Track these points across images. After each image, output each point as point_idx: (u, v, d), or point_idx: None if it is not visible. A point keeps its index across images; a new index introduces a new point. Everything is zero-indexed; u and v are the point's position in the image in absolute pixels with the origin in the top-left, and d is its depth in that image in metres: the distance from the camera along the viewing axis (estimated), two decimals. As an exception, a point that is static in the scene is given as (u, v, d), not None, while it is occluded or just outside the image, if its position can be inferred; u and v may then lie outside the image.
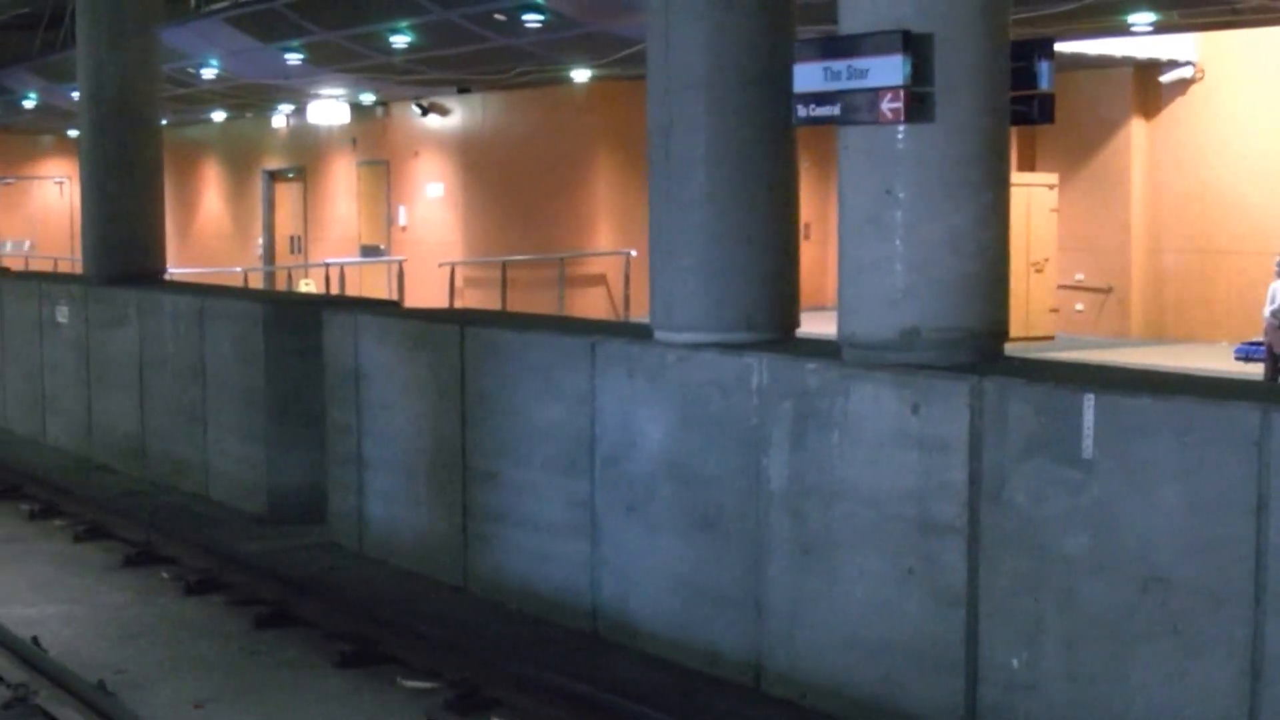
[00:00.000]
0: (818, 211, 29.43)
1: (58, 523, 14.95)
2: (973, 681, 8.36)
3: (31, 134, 46.95)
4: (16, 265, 37.50)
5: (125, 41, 18.46)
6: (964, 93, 8.75)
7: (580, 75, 28.57)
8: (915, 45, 8.67)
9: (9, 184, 47.38)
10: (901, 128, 8.77)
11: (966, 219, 8.79)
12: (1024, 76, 9.08)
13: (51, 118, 42.47)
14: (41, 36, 37.66)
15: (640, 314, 27.51)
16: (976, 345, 8.89)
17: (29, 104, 40.33)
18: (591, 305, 29.81)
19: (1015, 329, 9.94)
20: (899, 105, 8.69)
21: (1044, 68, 9.11)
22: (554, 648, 10.58)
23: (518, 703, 9.38)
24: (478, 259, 32.64)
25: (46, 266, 40.14)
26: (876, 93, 8.78)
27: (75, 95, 19.81)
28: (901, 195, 8.81)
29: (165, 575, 12.87)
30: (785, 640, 9.43)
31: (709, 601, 9.95)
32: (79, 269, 23.56)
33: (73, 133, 41.10)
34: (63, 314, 19.31)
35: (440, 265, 32.24)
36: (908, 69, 8.66)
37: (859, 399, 8.92)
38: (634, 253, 28.86)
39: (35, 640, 10.52)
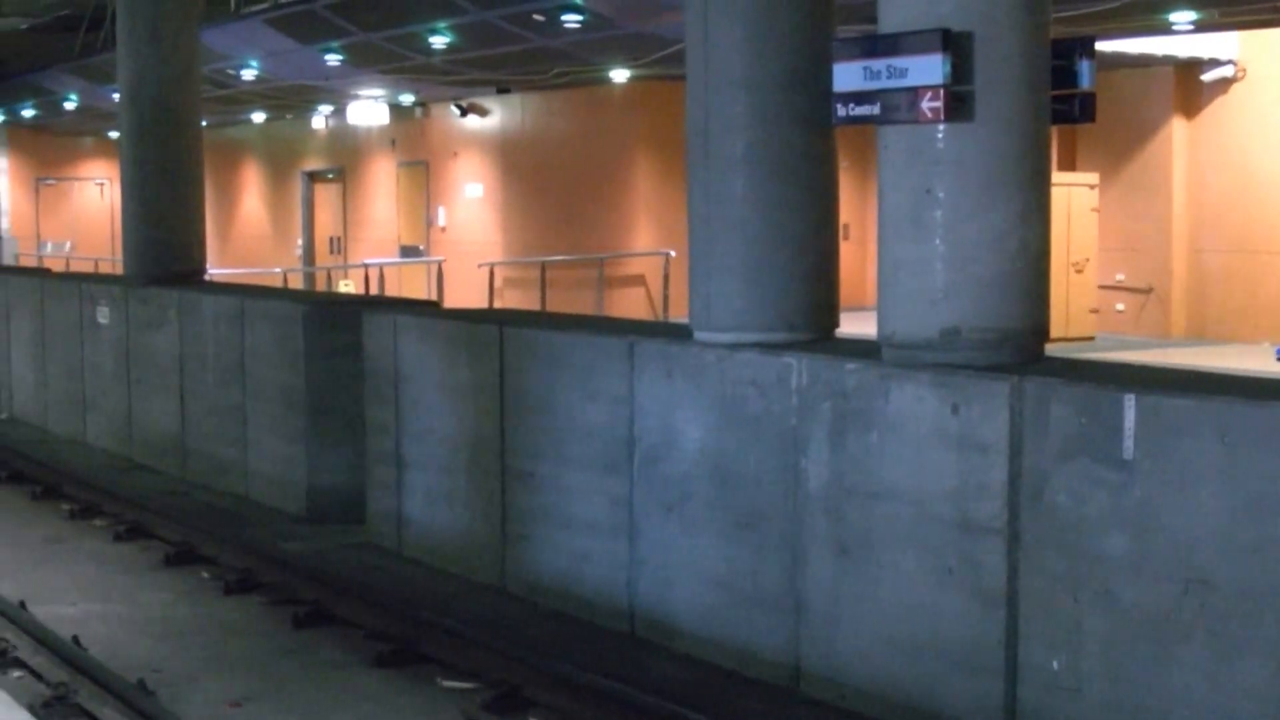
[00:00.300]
0: (856, 211, 29.34)
1: (98, 522, 14.99)
2: (1012, 683, 8.32)
3: (72, 135, 47.09)
4: (58, 266, 37.66)
5: (165, 43, 18.50)
6: (1004, 91, 8.71)
7: (619, 76, 28.54)
8: (955, 44, 8.64)
9: (50, 185, 47.53)
10: (941, 127, 8.74)
11: (1007, 218, 8.76)
12: (1065, 75, 9.04)
13: (92, 119, 42.60)
14: (82, 38, 37.78)
15: (679, 315, 27.47)
16: (1017, 345, 8.85)
17: (70, 105, 40.45)
18: (630, 306, 29.77)
19: (1055, 329, 9.91)
20: (939, 104, 8.67)
21: (1085, 66, 9.07)
22: (592, 647, 10.58)
23: (556, 703, 9.37)
24: (517, 259, 32.64)
25: (87, 267, 40.27)
26: (916, 92, 8.75)
27: (116, 97, 19.86)
28: (941, 194, 8.78)
29: (205, 575, 12.90)
30: (824, 641, 9.40)
31: (747, 602, 9.93)
32: (119, 270, 23.63)
33: (113, 134, 41.24)
34: (103, 314, 19.36)
35: (479, 266, 32.24)
36: (947, 68, 8.63)
37: (899, 399, 8.89)
38: (673, 253, 28.79)
39: (75, 639, 10.55)
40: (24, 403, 22.14)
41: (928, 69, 8.70)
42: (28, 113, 44.15)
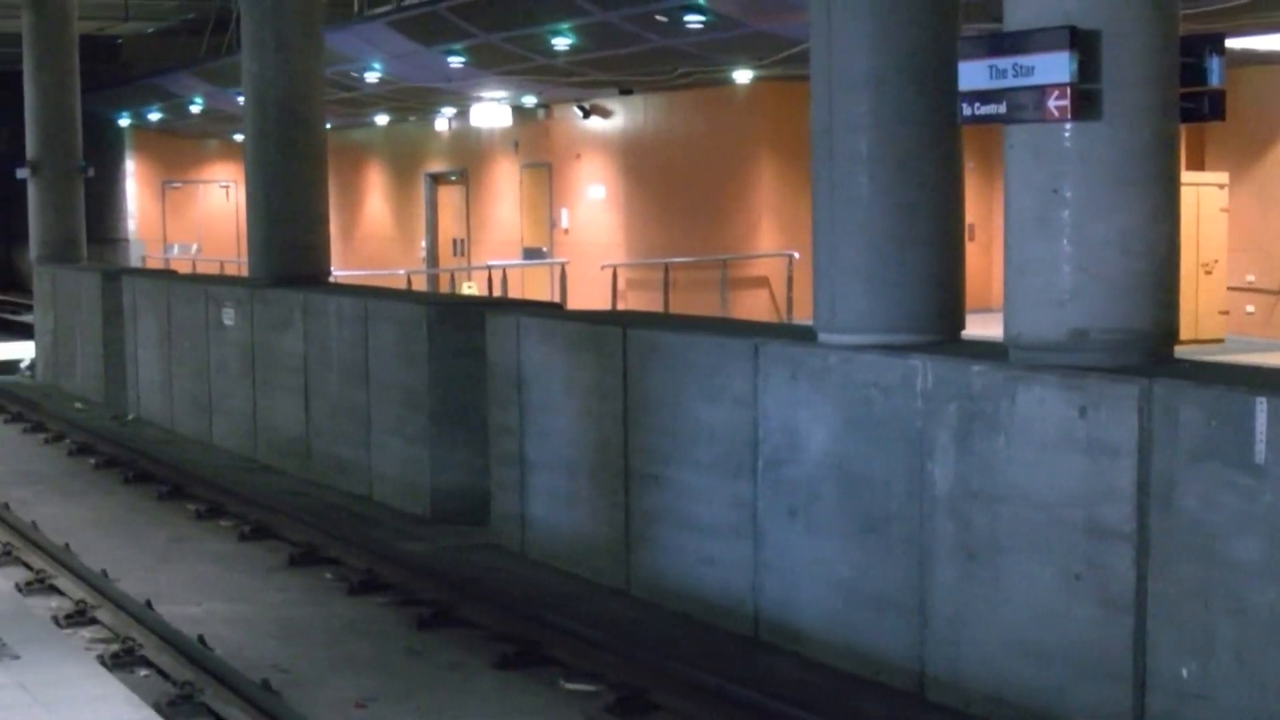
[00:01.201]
0: (981, 212, 29.13)
1: (223, 522, 15.10)
2: (1140, 690, 8.21)
3: (197, 138, 47.52)
4: (183, 268, 38.02)
5: (290, 45, 18.61)
6: (1132, 89, 8.61)
7: (742, 76, 28.45)
8: (1082, 41, 8.54)
9: (176, 188, 48.00)
10: (1068, 126, 8.64)
11: (1135, 218, 8.65)
12: (1194, 73, 8.92)
13: (217, 122, 42.98)
14: (207, 41, 38.17)
15: (802, 316, 27.37)
16: (1145, 347, 8.74)
17: (195, 108, 40.84)
18: (754, 307, 29.67)
19: (1184, 331, 9.77)
20: (1066, 103, 8.57)
21: (1214, 64, 8.94)
22: (716, 651, 10.54)
23: (679, 706, 9.34)
24: (640, 261, 32.63)
25: (212, 269, 40.64)
26: (1043, 90, 8.66)
27: (240, 99, 19.99)
28: (1068, 194, 8.68)
29: (328, 575, 12.96)
30: (949, 646, 9.32)
31: (871, 606, 9.86)
32: (244, 272, 23.82)
33: (238, 137, 41.60)
34: (229, 316, 19.50)
35: (602, 267, 32.26)
36: (1074, 66, 8.54)
37: (1025, 401, 8.79)
38: (796, 255, 28.68)
39: (201, 639, 10.62)
40: (151, 403, 22.35)
41: (1054, 67, 8.61)
42: (154, 116, 44.63)
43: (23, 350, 30.22)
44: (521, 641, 10.64)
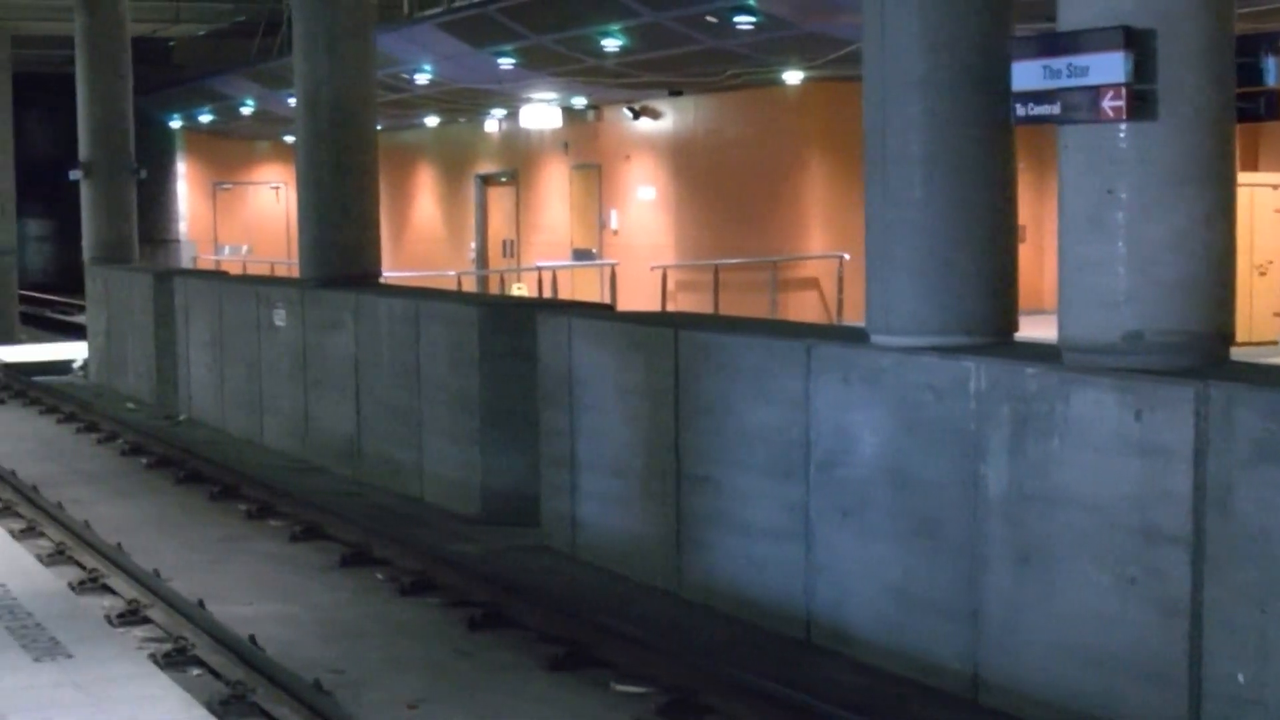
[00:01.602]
0: (1032, 213, 29.01)
1: (274, 523, 15.13)
2: (1196, 696, 8.15)
3: (248, 140, 47.71)
4: (234, 269, 38.14)
5: (341, 47, 18.64)
6: (1188, 89, 8.55)
7: (792, 77, 28.43)
8: (1137, 41, 8.49)
9: (226, 189, 48.18)
10: (1123, 126, 8.59)
11: (1190, 219, 8.60)
12: (1249, 72, 8.89)
13: (267, 123, 43.15)
14: (258, 43, 38.30)
15: (852, 318, 27.33)
16: (1201, 349, 8.69)
17: (246, 110, 40.98)
18: (804, 309, 29.63)
19: (1238, 333, 9.70)
20: (1120, 103, 8.52)
21: (1271, 63, 8.91)
22: (767, 653, 10.51)
23: (731, 709, 9.32)
24: (689, 262, 32.61)
25: (263, 270, 40.78)
26: (1097, 91, 8.61)
27: (291, 101, 20.06)
28: (1123, 195, 8.63)
29: (380, 576, 12.97)
30: (1002, 650, 9.27)
31: (924, 609, 9.82)
32: (294, 273, 23.88)
33: (288, 138, 41.75)
34: (280, 317, 19.55)
35: (652, 269, 32.27)
36: (1129, 66, 8.49)
37: (1079, 404, 8.74)
38: (847, 256, 28.64)
39: (252, 638, 10.63)
40: (202, 404, 22.43)
41: (1109, 67, 8.56)
42: (205, 118, 44.82)
43: (75, 350, 30.39)
44: (572, 643, 10.63)
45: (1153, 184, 8.60)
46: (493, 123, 39.86)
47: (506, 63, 29.37)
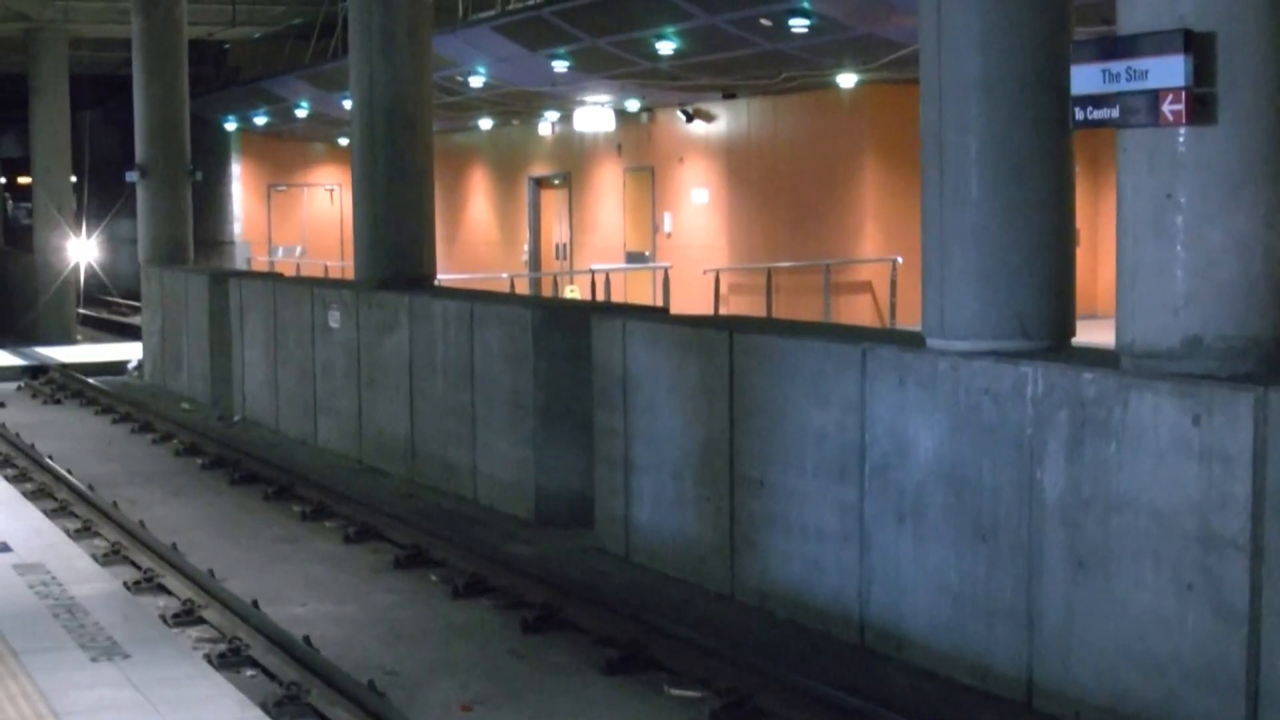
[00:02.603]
0: (1088, 217, 28.91)
1: (329, 524, 15.17)
2: (1254, 702, 8.10)
3: (303, 142, 47.84)
4: (289, 271, 38.26)
5: (396, 50, 18.68)
6: (1248, 93, 8.50)
7: (847, 80, 28.38)
8: (1197, 45, 8.44)
9: (281, 191, 48.33)
10: (1183, 130, 8.55)
11: (1252, 223, 8.54)
12: (1310, 75, 8.80)
13: (322, 126, 43.26)
14: (314, 46, 38.42)
15: (906, 322, 27.28)
16: (1262, 354, 8.63)
17: (301, 112, 41.11)
18: (857, 312, 29.58)
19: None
20: (1180, 107, 8.48)
21: (1332, 66, 8.82)
22: (822, 657, 10.50)
23: (786, 713, 9.30)
24: (743, 265, 32.59)
25: (317, 272, 40.90)
26: (1157, 94, 8.57)
27: (346, 104, 20.10)
28: (1183, 199, 8.59)
29: (434, 578, 12.99)
30: (1058, 655, 9.23)
31: (980, 613, 9.79)
32: (349, 274, 23.93)
33: (343, 140, 41.87)
34: (334, 318, 19.59)
35: (705, 272, 32.25)
36: (1189, 69, 8.44)
37: (1138, 409, 8.70)
38: (900, 259, 28.58)
39: (307, 639, 10.66)
40: (257, 405, 22.49)
41: (1169, 71, 8.51)
42: (260, 120, 44.96)
43: (130, 351, 30.54)
44: (627, 645, 10.62)
45: (1213, 187, 8.55)
46: (546, 125, 39.91)
47: (561, 65, 29.39)
